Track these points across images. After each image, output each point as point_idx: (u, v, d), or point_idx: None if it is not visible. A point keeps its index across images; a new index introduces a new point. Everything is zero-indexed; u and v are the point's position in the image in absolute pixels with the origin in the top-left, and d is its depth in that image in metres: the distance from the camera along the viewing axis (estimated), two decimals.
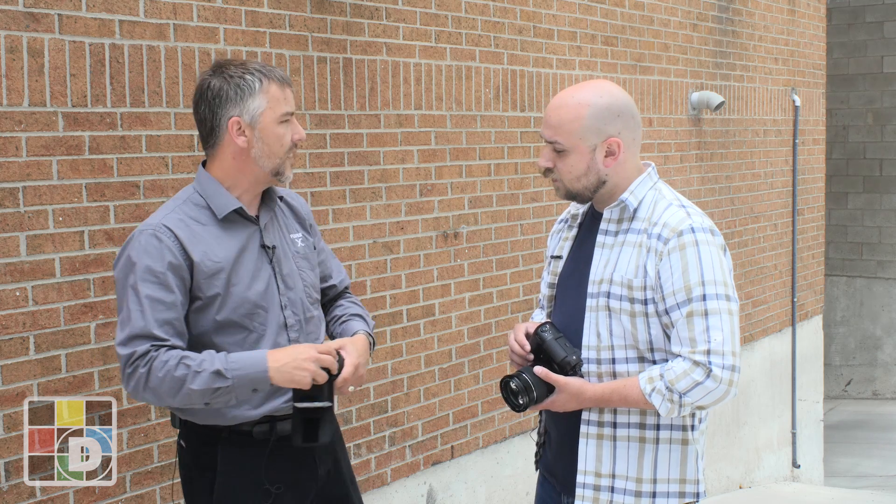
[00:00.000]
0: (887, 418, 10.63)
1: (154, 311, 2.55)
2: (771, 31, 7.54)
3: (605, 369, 2.61)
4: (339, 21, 4.11)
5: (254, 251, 2.72)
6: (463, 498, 4.86)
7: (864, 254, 11.41)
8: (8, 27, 3.03)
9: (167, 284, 2.57)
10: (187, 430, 2.77)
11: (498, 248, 5.01)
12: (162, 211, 2.71)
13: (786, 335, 7.95)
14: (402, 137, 4.43)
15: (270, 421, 2.72)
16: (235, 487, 2.70)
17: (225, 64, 2.71)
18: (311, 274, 2.87)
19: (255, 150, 2.67)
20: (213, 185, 2.70)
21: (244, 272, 2.68)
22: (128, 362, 2.55)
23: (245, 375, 2.55)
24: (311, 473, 2.80)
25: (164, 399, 2.57)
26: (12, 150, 3.06)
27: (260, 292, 2.69)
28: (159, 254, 2.58)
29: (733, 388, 2.50)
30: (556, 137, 2.60)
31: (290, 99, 2.72)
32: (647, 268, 2.54)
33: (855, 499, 7.50)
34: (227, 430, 2.70)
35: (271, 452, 2.72)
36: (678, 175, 6.40)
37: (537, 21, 5.18)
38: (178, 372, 2.51)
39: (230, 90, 2.64)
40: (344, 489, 2.92)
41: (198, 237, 2.64)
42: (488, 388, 4.97)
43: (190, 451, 2.77)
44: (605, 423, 2.63)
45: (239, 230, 2.71)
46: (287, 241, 2.83)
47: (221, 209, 2.68)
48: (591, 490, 2.63)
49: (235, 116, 2.65)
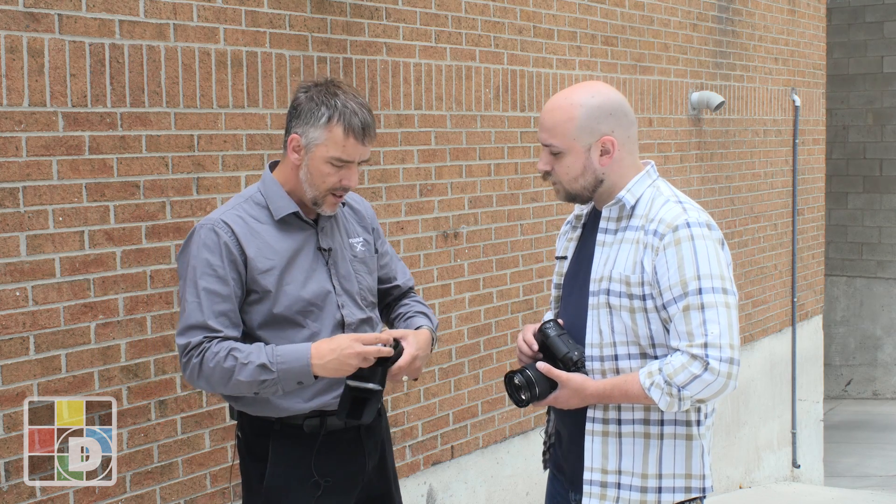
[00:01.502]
0: (887, 418, 10.63)
1: (210, 303, 2.67)
2: (771, 31, 7.55)
3: (608, 366, 2.63)
4: (339, 21, 4.11)
5: (309, 252, 2.81)
6: (463, 498, 4.86)
7: (864, 254, 11.41)
8: (8, 27, 3.03)
9: (223, 277, 2.68)
10: (242, 421, 2.87)
11: (498, 248, 5.01)
12: (224, 207, 2.83)
13: (786, 335, 7.95)
14: (402, 137, 4.44)
15: (321, 415, 2.79)
16: (285, 479, 2.78)
17: (324, 84, 2.77)
18: (367, 277, 2.95)
19: (301, 173, 2.77)
20: (275, 186, 2.81)
21: (298, 272, 2.77)
22: (184, 352, 2.67)
23: (289, 369, 2.64)
24: (360, 467, 2.88)
25: (217, 387, 2.69)
26: (12, 150, 3.06)
27: (314, 291, 2.78)
28: (217, 248, 2.69)
29: (732, 380, 2.50)
30: (551, 140, 2.64)
31: (353, 150, 2.73)
32: (644, 264, 2.56)
33: (855, 499, 7.50)
34: (278, 423, 2.79)
35: (321, 446, 2.79)
36: (678, 175, 6.41)
37: (537, 21, 5.18)
38: (227, 363, 2.63)
39: (304, 110, 2.74)
40: (387, 486, 2.99)
41: (255, 234, 2.74)
42: (488, 388, 4.97)
43: (244, 441, 2.87)
44: (610, 420, 2.64)
45: (295, 232, 2.81)
46: (345, 244, 2.92)
47: (279, 211, 2.79)
48: (599, 486, 2.65)
49: (296, 134, 2.74)
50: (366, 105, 2.77)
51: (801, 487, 7.91)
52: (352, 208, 3.01)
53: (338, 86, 2.77)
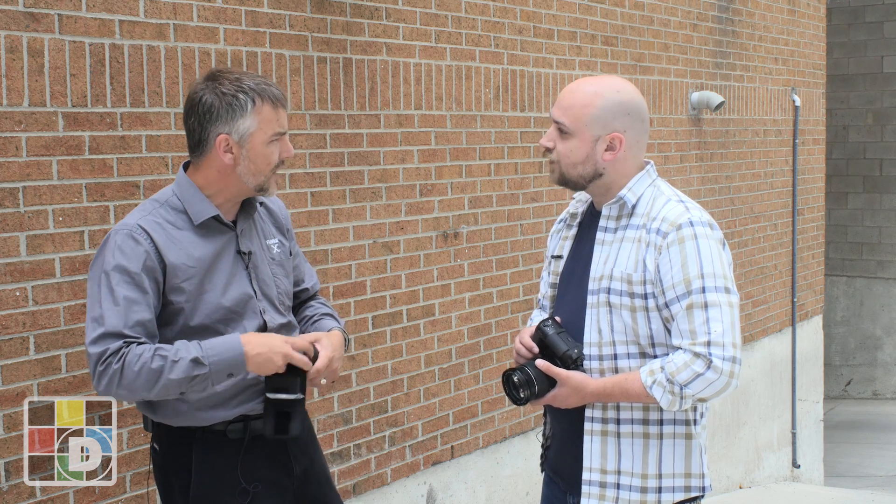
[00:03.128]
0: (887, 418, 10.63)
1: (129, 312, 2.55)
2: (771, 31, 7.54)
3: (607, 365, 2.62)
4: (339, 21, 4.11)
5: (229, 257, 2.73)
6: (463, 498, 4.86)
7: (864, 254, 11.41)
8: (8, 27, 3.03)
9: (142, 285, 2.58)
10: (160, 433, 2.77)
11: (498, 248, 5.01)
12: (138, 212, 2.70)
13: (786, 335, 7.95)
14: (402, 137, 4.44)
15: (244, 420, 2.72)
16: (211, 487, 2.70)
17: (220, 77, 2.67)
18: (285, 280, 2.88)
19: (240, 168, 2.67)
20: (193, 190, 2.71)
21: (218, 278, 2.69)
22: (99, 360, 2.53)
23: (221, 360, 2.56)
24: (287, 472, 2.81)
25: (139, 393, 2.56)
26: (12, 150, 3.06)
27: (235, 298, 2.70)
28: (135, 255, 2.58)
29: (734, 379, 2.51)
30: (563, 118, 2.63)
31: (283, 119, 2.70)
32: (646, 262, 2.55)
33: (855, 499, 7.50)
34: (200, 431, 2.70)
35: (246, 451, 2.72)
36: (678, 175, 6.40)
37: (537, 21, 5.18)
38: (155, 363, 2.51)
39: (221, 108, 2.63)
40: (321, 489, 2.92)
41: (173, 241, 2.64)
42: (488, 388, 4.97)
43: (163, 453, 2.78)
44: (609, 420, 2.64)
45: (215, 236, 2.71)
46: (263, 246, 2.84)
47: (198, 216, 2.69)
48: (598, 487, 2.64)
49: (224, 134, 2.64)
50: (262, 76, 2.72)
51: (801, 487, 7.91)
52: (267, 208, 2.92)
53: (227, 71, 2.69)
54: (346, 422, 4.23)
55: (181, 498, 2.74)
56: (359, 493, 4.31)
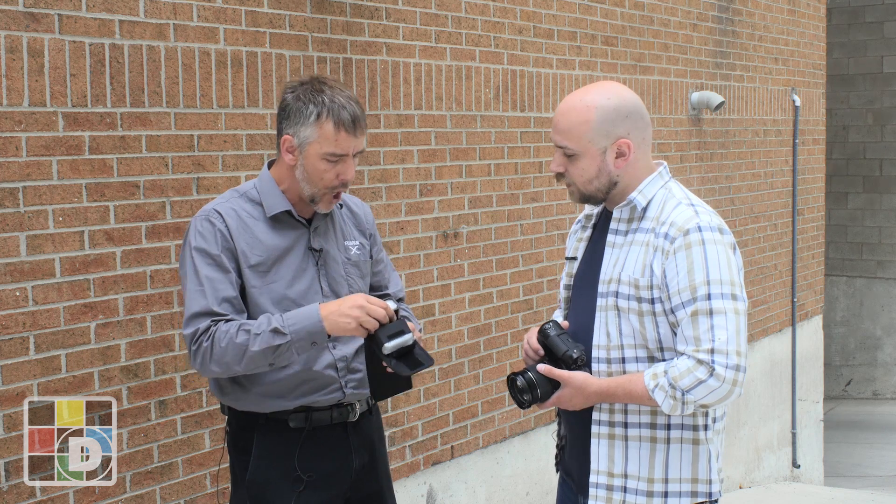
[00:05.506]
0: (887, 418, 10.63)
1: (213, 290, 2.67)
2: (771, 31, 7.54)
3: (615, 368, 2.61)
4: (339, 21, 4.11)
5: (300, 252, 2.82)
6: (463, 498, 4.86)
7: (864, 254, 11.41)
8: (8, 27, 3.03)
9: (222, 265, 2.70)
10: (230, 416, 2.88)
11: (498, 248, 5.01)
12: (219, 198, 2.85)
13: (786, 335, 7.95)
14: (402, 137, 4.44)
15: (307, 410, 2.79)
16: (267, 472, 2.78)
17: (311, 83, 2.76)
18: (359, 281, 2.94)
19: (298, 172, 2.78)
20: (270, 184, 2.83)
21: (286, 270, 2.78)
22: (192, 340, 2.66)
23: (302, 328, 2.62)
24: (346, 465, 2.87)
25: (232, 367, 2.65)
26: (12, 150, 3.06)
27: (301, 291, 2.78)
28: (213, 236, 2.71)
29: (737, 387, 2.49)
30: (565, 142, 2.60)
31: (346, 142, 2.73)
32: (653, 267, 2.54)
33: (855, 499, 7.50)
34: (264, 417, 2.79)
35: (306, 441, 2.79)
36: (678, 175, 6.40)
37: (537, 21, 5.18)
38: (240, 338, 2.61)
39: (292, 110, 2.75)
40: (377, 485, 2.98)
41: (246, 229, 2.75)
42: (488, 388, 4.97)
43: (232, 434, 2.87)
44: (617, 424, 2.63)
45: (287, 230, 2.81)
46: (340, 246, 2.91)
47: (271, 209, 2.80)
48: (604, 490, 2.64)
49: (288, 135, 2.75)
50: (353, 97, 2.76)
51: (801, 487, 7.91)
52: (350, 211, 3.01)
53: (323, 82, 2.77)
54: None
55: (242, 480, 2.83)
56: None
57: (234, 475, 2.88)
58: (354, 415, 2.88)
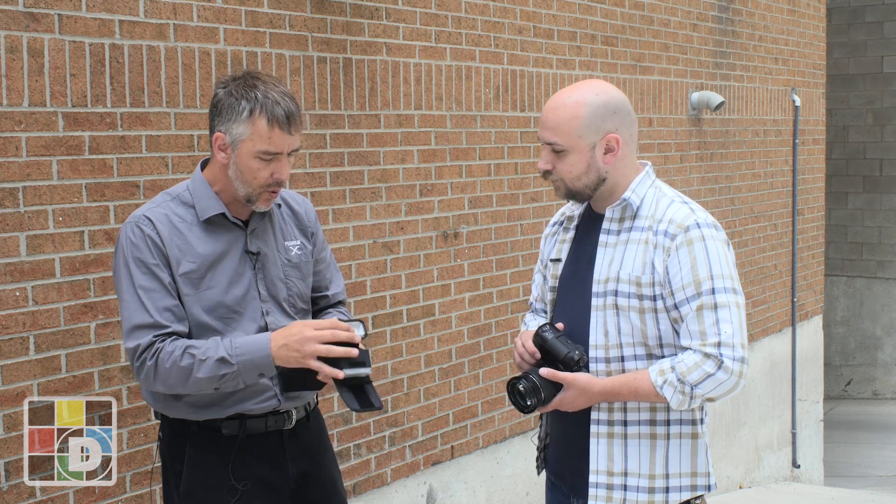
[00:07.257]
0: (887, 418, 10.63)
1: (151, 301, 2.57)
2: (771, 31, 7.54)
3: (614, 367, 2.62)
4: (339, 21, 4.11)
5: (236, 256, 2.70)
6: (463, 498, 4.86)
7: (864, 254, 11.41)
8: (8, 27, 3.03)
9: (156, 273, 2.59)
10: (163, 423, 2.79)
11: (498, 248, 5.01)
12: (151, 203, 2.72)
13: (786, 335, 7.95)
14: (402, 137, 4.44)
15: (241, 418, 2.70)
16: (201, 482, 2.70)
17: (244, 77, 2.66)
18: (299, 283, 2.84)
19: (231, 171, 2.66)
20: (203, 185, 2.71)
21: (221, 276, 2.67)
22: (135, 355, 2.57)
23: (249, 361, 2.55)
24: (283, 474, 2.78)
25: (175, 388, 2.59)
26: (12, 150, 3.06)
27: (237, 297, 2.68)
28: (144, 244, 2.60)
29: (743, 379, 2.53)
30: (554, 138, 2.61)
31: (280, 140, 2.61)
32: (654, 264, 2.56)
33: (855, 499, 7.50)
34: (196, 425, 2.70)
35: (239, 450, 2.70)
36: (678, 175, 6.40)
37: (537, 21, 5.18)
38: (184, 362, 2.53)
39: (224, 106, 2.62)
40: (323, 492, 2.88)
41: (178, 235, 2.64)
42: (488, 388, 4.97)
43: (165, 442, 2.79)
44: (616, 422, 2.64)
45: (222, 234, 2.70)
46: (280, 248, 2.80)
47: (204, 212, 2.68)
48: (605, 489, 2.64)
49: (220, 132, 2.64)
50: (288, 93, 2.65)
51: (801, 487, 7.91)
52: (291, 210, 2.89)
53: (256, 77, 2.66)
54: (346, 422, 4.23)
55: (175, 489, 2.74)
56: (359, 493, 4.31)
57: (167, 484, 2.78)
58: (291, 422, 2.79)
